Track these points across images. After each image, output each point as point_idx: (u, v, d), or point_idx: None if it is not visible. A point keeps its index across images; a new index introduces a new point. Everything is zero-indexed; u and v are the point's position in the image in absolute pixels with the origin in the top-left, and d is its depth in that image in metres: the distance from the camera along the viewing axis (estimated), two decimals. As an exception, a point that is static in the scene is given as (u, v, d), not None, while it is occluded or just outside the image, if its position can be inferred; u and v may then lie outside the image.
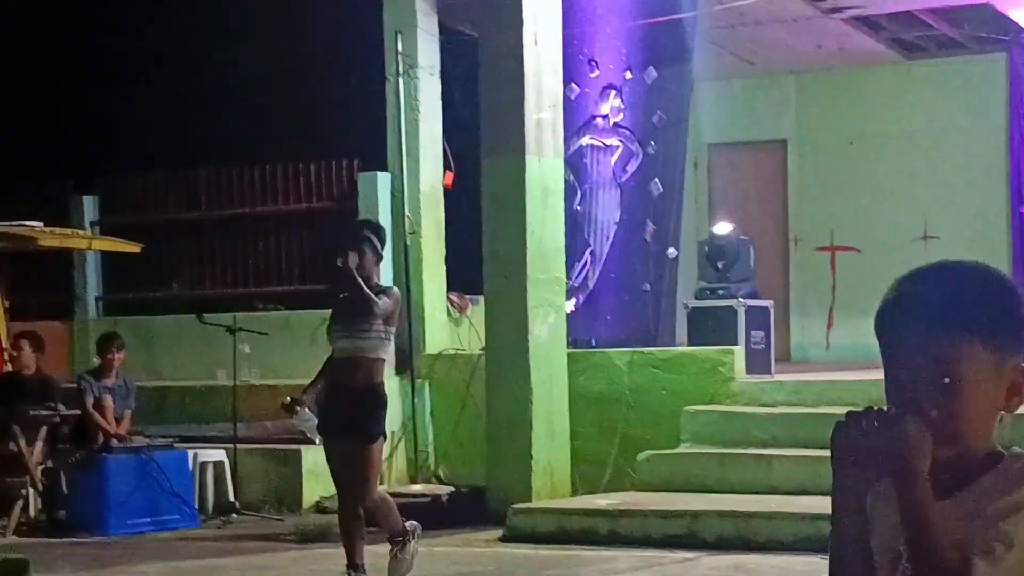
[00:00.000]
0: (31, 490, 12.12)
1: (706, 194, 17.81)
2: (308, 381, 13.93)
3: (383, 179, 14.35)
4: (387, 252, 14.20)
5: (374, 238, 8.77)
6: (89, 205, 15.79)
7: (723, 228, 14.36)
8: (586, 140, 15.16)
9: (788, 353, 16.75)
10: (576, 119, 14.47)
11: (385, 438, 8.81)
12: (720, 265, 13.95)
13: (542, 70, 12.25)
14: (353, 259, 8.62)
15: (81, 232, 14.80)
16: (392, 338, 8.95)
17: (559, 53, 12.46)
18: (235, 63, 16.56)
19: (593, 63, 15.17)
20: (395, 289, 9.09)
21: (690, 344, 13.41)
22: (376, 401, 8.62)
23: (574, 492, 12.27)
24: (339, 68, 15.68)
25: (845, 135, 17.28)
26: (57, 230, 13.49)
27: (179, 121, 17.11)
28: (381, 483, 13.45)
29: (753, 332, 13.30)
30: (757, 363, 13.03)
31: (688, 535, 10.48)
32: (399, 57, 14.22)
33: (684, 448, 12.10)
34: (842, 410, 2.27)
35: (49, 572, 9.26)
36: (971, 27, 16.09)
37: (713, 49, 15.68)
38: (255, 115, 16.63)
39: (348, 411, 8.47)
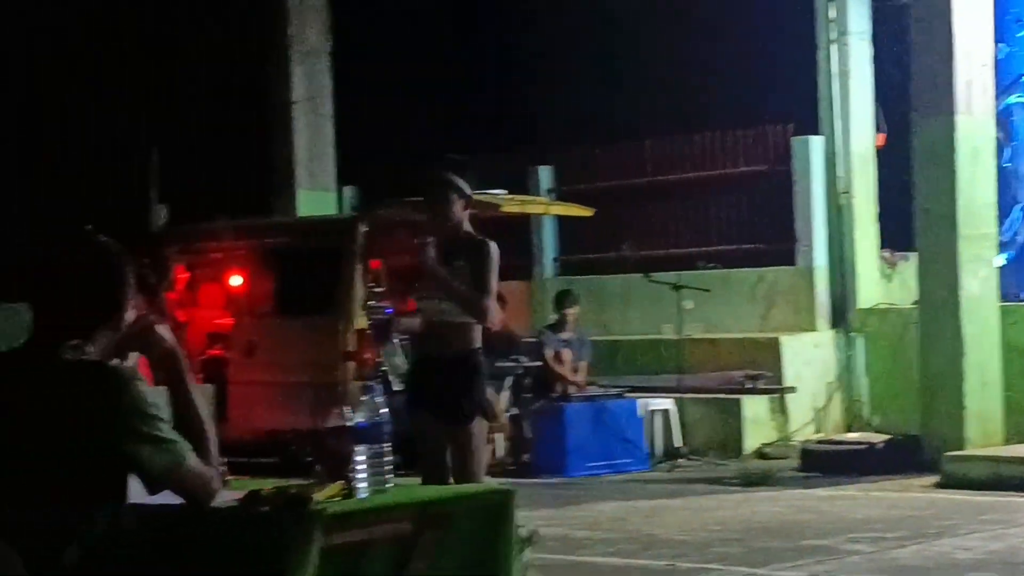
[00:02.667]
0: (499, 436, 12.56)
1: None
2: (745, 335, 14.12)
3: (816, 143, 14.23)
4: (820, 212, 14.27)
5: (456, 180, 6.68)
6: (545, 175, 16.21)
7: None
8: (1014, 98, 14.58)
9: None
10: (1004, 78, 13.92)
11: (486, 415, 6.70)
12: None
13: (971, 31, 11.87)
14: (451, 213, 6.66)
15: (539, 199, 15.21)
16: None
17: (989, 13, 12.03)
18: (675, 38, 16.66)
19: (1021, 22, 14.56)
20: (491, 244, 6.67)
21: (1123, 296, 12.79)
22: (471, 374, 6.59)
23: (1006, 441, 11.89)
24: (772, 37, 15.56)
25: None
26: (518, 197, 13.89)
27: (624, 95, 17.33)
28: (817, 431, 13.42)
29: None
30: None
31: None
32: (830, 24, 14.04)
33: (1120, 398, 11.57)
34: None
35: (519, 508, 9.60)
36: None
37: None
38: (693, 86, 16.69)
39: (439, 387, 6.55)
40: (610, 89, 17.40)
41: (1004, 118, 14.05)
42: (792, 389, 13.47)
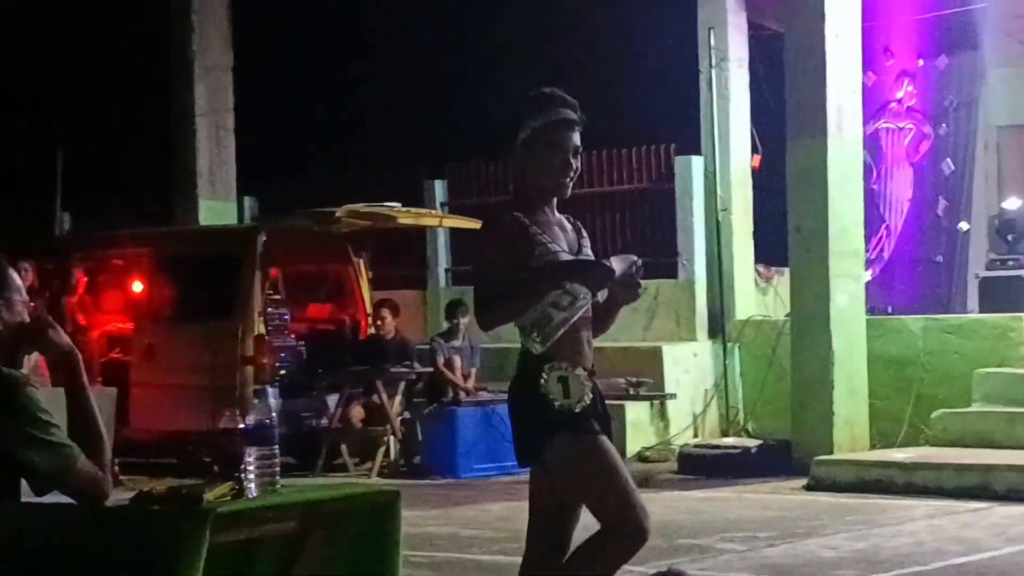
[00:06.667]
0: (391, 438, 12.53)
1: (995, 172, 17.11)
2: (629, 344, 14.18)
3: (697, 162, 14.36)
4: (700, 228, 14.37)
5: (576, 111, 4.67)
6: (439, 188, 16.19)
7: (1013, 203, 13.94)
8: (881, 124, 14.86)
9: (1077, 319, 16.01)
10: (872, 104, 14.17)
11: None
12: (1010, 238, 13.56)
13: (842, 60, 12.07)
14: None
15: (433, 212, 15.17)
16: None
17: (858, 44, 12.23)
18: (561, 59, 16.74)
19: (888, 52, 14.85)
20: None
21: (981, 311, 13.08)
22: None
23: (872, 447, 12.10)
24: (656, 61, 15.70)
25: None
26: (413, 210, 13.85)
27: (510, 112, 17.38)
28: (695, 436, 13.53)
29: (1042, 299, 12.83)
30: (1046, 329, 12.56)
31: (980, 487, 10.25)
32: (711, 51, 14.18)
33: (976, 407, 11.80)
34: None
35: (410, 508, 9.57)
36: None
37: (1005, 39, 15.07)
38: (581, 105, 16.78)
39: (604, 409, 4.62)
40: (498, 106, 17.44)
41: (871, 142, 14.31)
42: (672, 395, 13.56)
